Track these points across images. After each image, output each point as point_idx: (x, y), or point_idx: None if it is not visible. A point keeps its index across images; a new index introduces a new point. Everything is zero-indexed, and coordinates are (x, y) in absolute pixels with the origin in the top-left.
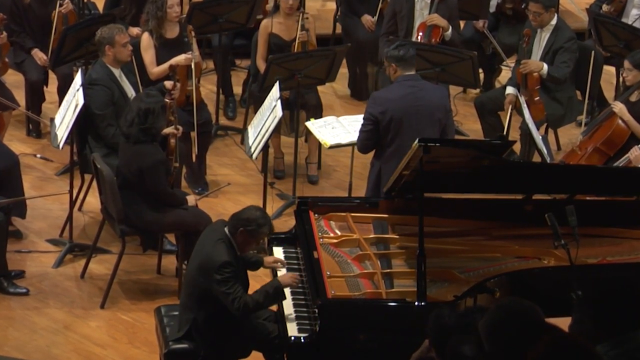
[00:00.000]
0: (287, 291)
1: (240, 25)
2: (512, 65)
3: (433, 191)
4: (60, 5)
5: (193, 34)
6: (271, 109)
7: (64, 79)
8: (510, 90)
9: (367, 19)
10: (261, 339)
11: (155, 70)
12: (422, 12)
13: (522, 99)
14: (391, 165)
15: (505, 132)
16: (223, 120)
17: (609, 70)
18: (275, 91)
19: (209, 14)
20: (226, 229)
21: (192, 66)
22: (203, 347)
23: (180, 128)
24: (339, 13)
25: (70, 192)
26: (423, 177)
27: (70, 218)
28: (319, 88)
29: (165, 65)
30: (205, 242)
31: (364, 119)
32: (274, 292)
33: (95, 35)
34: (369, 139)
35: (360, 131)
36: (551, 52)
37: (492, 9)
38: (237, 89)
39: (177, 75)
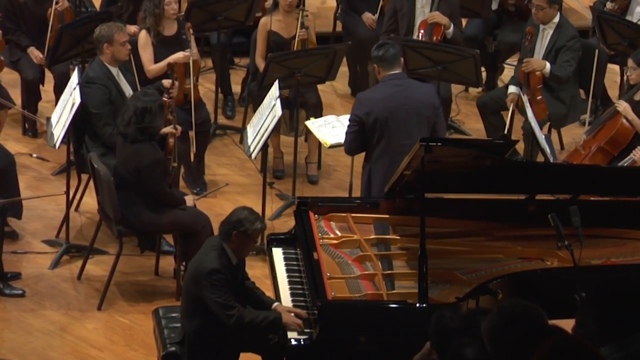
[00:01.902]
0: (287, 292)
1: (239, 23)
2: (515, 63)
3: (434, 191)
4: (56, 3)
5: (191, 31)
6: (270, 107)
7: (60, 78)
8: (512, 89)
9: (368, 17)
10: (257, 344)
11: (152, 68)
12: (423, 10)
13: (524, 98)
14: (380, 166)
15: (506, 131)
16: (222, 120)
17: (613, 68)
18: (274, 90)
19: (208, 11)
20: (219, 238)
21: (190, 64)
22: (191, 356)
23: (179, 127)
24: (339, 10)
25: (67, 192)
26: (424, 177)
27: (66, 218)
28: (319, 87)
29: (163, 64)
30: (201, 251)
31: (349, 120)
32: (273, 322)
33: (94, 32)
34: (354, 140)
35: (346, 133)
36: (554, 50)
37: (494, 6)
38: (236, 88)
39: (175, 73)
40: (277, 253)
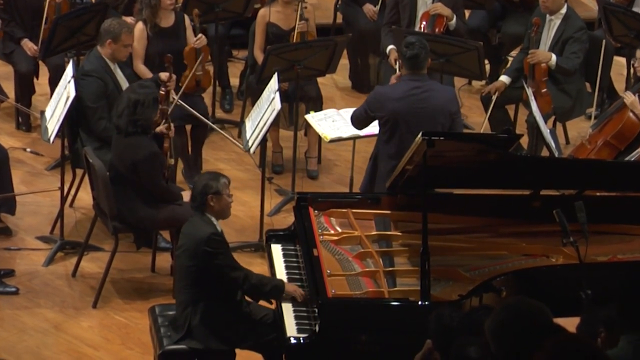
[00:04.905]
0: None
1: (237, 14)
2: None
3: (437, 187)
4: None
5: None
6: (269, 101)
7: (55, 70)
8: (503, 78)
9: (369, 8)
10: (260, 339)
11: (140, 68)
12: (426, 1)
13: (529, 91)
14: (389, 164)
15: (486, 118)
16: (220, 113)
17: (620, 61)
18: (273, 83)
19: (205, 2)
20: (199, 212)
21: (183, 54)
22: (204, 336)
23: (172, 128)
24: (339, 2)
25: (61, 187)
26: (427, 172)
27: (61, 214)
28: (319, 80)
29: (148, 74)
30: (190, 230)
31: (365, 102)
32: (276, 287)
33: (103, 24)
34: (360, 122)
35: (358, 108)
36: (560, 42)
37: None
38: (234, 81)
39: (185, 59)
40: (276, 249)
